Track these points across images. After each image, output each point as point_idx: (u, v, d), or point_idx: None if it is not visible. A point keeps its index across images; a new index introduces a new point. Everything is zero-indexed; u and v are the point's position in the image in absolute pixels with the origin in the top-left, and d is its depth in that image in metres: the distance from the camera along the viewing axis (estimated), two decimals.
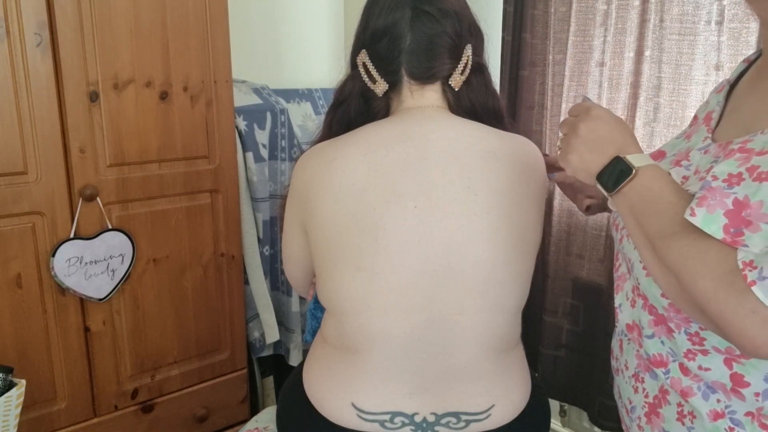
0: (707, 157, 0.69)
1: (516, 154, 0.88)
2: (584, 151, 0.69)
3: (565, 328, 1.68)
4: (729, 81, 0.77)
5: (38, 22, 1.24)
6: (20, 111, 1.25)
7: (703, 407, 0.68)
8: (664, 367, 0.72)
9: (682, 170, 0.71)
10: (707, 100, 0.81)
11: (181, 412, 1.63)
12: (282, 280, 1.86)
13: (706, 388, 0.68)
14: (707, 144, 0.71)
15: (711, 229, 0.56)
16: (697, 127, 0.77)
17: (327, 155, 0.87)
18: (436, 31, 0.87)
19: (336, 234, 0.85)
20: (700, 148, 0.71)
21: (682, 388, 0.70)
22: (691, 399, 0.69)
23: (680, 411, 0.71)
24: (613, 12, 1.45)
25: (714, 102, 0.77)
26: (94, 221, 1.39)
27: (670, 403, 0.73)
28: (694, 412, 0.70)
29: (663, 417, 0.74)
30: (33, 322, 1.35)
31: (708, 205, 0.57)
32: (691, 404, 0.70)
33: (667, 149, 0.80)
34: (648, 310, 0.73)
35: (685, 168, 0.71)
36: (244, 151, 1.70)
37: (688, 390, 0.69)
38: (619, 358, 0.83)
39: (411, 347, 0.84)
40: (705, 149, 0.71)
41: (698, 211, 0.58)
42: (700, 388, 0.68)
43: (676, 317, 0.69)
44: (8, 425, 1.18)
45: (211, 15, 1.48)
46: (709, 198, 0.58)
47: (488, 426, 0.87)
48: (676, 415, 0.72)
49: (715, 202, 0.57)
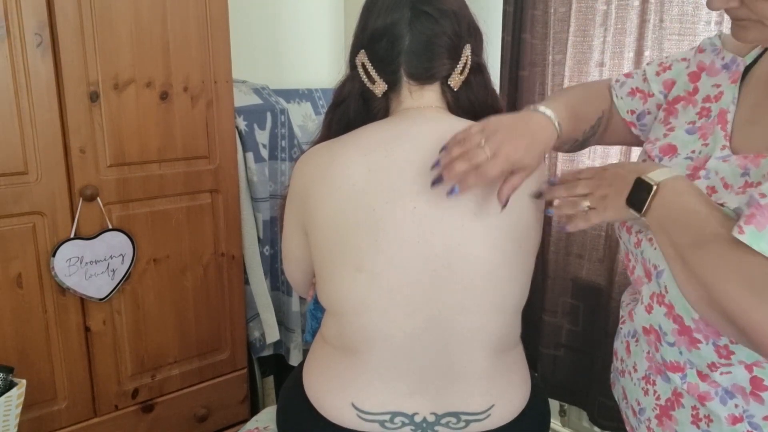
0: (733, 168, 0.68)
1: None
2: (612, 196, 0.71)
3: (564, 328, 1.68)
4: (744, 63, 0.75)
5: (38, 22, 1.24)
6: (20, 111, 1.25)
7: (721, 411, 0.68)
8: (681, 372, 0.72)
9: (704, 181, 0.70)
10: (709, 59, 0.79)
11: (181, 412, 1.64)
12: (282, 280, 1.86)
13: (724, 393, 0.68)
14: (726, 153, 0.70)
15: (760, 247, 0.56)
16: (712, 124, 0.75)
17: (327, 156, 0.87)
18: (435, 31, 0.87)
19: (336, 234, 0.85)
20: (719, 157, 0.70)
21: (699, 393, 0.70)
22: (708, 403, 0.69)
23: (695, 414, 0.71)
24: (613, 12, 1.45)
25: (729, 96, 0.75)
26: (94, 221, 1.39)
27: (684, 406, 0.72)
28: (711, 416, 0.69)
29: (676, 420, 0.73)
30: (33, 322, 1.35)
31: (757, 223, 0.57)
32: (708, 408, 0.69)
33: (678, 143, 0.78)
34: (673, 319, 0.71)
35: (705, 178, 0.70)
36: (245, 151, 1.70)
37: (706, 395, 0.69)
38: (626, 360, 0.82)
39: (411, 347, 0.84)
40: (725, 158, 0.69)
41: (746, 228, 0.57)
42: (718, 393, 0.68)
43: (705, 329, 0.68)
44: (8, 425, 1.18)
45: (211, 15, 1.48)
46: (758, 215, 0.57)
47: (488, 426, 0.87)
48: (691, 418, 0.71)
49: (764, 219, 0.57)
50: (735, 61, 0.77)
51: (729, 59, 0.78)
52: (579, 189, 0.75)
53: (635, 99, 0.90)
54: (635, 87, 0.90)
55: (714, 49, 0.81)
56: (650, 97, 0.88)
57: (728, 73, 0.77)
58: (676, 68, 0.85)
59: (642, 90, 0.89)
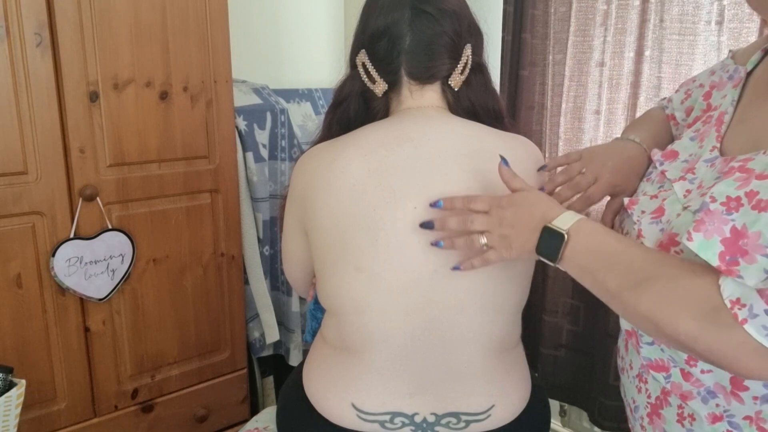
0: (713, 171, 0.68)
1: (516, 154, 0.88)
2: (514, 237, 0.71)
3: (565, 328, 1.67)
4: (746, 71, 0.76)
5: (38, 22, 1.24)
6: (20, 111, 1.25)
7: (702, 410, 0.68)
8: (665, 372, 0.72)
9: (686, 184, 0.70)
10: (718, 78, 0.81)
11: (181, 412, 1.63)
12: (282, 280, 1.86)
13: (705, 393, 0.68)
14: (714, 156, 0.70)
15: (707, 255, 0.56)
16: (710, 127, 0.75)
17: (327, 156, 0.87)
18: (436, 31, 0.87)
19: (336, 234, 0.85)
20: (707, 159, 0.70)
21: (682, 392, 0.70)
22: (690, 402, 0.69)
23: (680, 413, 0.72)
24: (613, 12, 1.45)
25: (729, 99, 0.75)
26: (94, 221, 1.39)
27: (671, 405, 0.73)
28: (694, 415, 0.70)
29: (664, 418, 0.74)
30: (33, 322, 1.35)
31: (705, 231, 0.57)
32: (690, 407, 0.70)
33: (680, 149, 0.78)
34: None
35: (690, 182, 0.70)
36: (244, 151, 1.70)
37: (688, 394, 0.70)
38: (625, 357, 0.83)
39: (411, 347, 0.84)
40: (711, 162, 0.70)
41: (695, 236, 0.57)
42: (700, 392, 0.68)
43: None
44: (8, 425, 1.18)
45: (211, 15, 1.48)
46: (707, 222, 0.57)
47: (488, 426, 0.87)
48: (677, 416, 0.72)
49: (713, 228, 0.56)
50: (738, 70, 0.78)
51: (733, 69, 0.80)
52: (476, 226, 0.75)
53: (671, 124, 0.95)
54: (670, 114, 0.95)
55: (723, 68, 0.84)
56: (676, 125, 0.93)
57: (732, 81, 0.79)
58: (695, 95, 0.89)
59: (674, 116, 0.94)
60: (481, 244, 0.75)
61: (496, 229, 0.73)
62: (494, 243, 0.74)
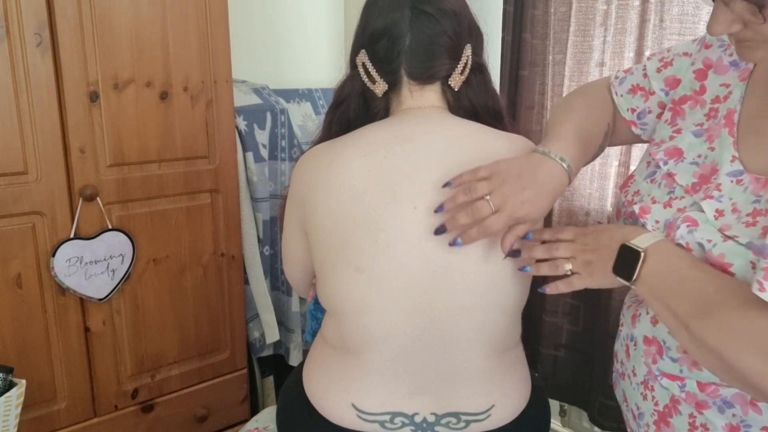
0: (745, 193, 0.64)
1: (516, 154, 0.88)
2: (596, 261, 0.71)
3: (565, 328, 1.68)
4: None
5: (38, 22, 1.24)
6: (20, 111, 1.25)
7: (718, 420, 0.67)
8: (680, 381, 0.71)
9: (715, 203, 0.66)
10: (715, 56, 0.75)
11: (181, 412, 1.63)
12: (282, 280, 1.86)
13: (722, 403, 0.67)
14: (737, 169, 0.66)
15: None
16: (718, 126, 0.71)
17: (327, 156, 0.87)
18: (436, 31, 0.87)
19: (336, 235, 0.85)
20: (731, 173, 0.67)
21: (697, 401, 0.69)
22: (706, 411, 0.68)
23: (692, 422, 0.70)
24: (613, 12, 1.45)
25: (737, 95, 0.71)
26: (94, 221, 1.39)
27: (681, 414, 0.71)
28: (708, 425, 0.68)
29: (673, 426, 0.73)
30: (33, 322, 1.35)
31: None
32: (705, 416, 0.68)
33: (684, 147, 0.75)
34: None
35: (717, 200, 0.66)
36: (244, 151, 1.70)
37: (704, 403, 0.68)
38: (626, 363, 0.82)
39: (411, 348, 0.84)
40: (737, 178, 0.66)
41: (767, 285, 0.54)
42: (716, 402, 0.67)
43: None
44: (8, 425, 1.18)
45: (211, 15, 1.48)
46: None
47: (488, 426, 0.87)
48: (688, 426, 0.71)
49: None
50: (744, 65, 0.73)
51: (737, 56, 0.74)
52: (560, 252, 0.75)
53: (636, 96, 0.86)
54: (636, 84, 0.86)
55: (721, 45, 0.76)
56: (651, 95, 0.84)
57: (737, 71, 0.74)
58: (678, 64, 0.81)
59: (643, 87, 0.85)
60: (566, 270, 0.75)
61: (580, 255, 0.73)
62: (578, 269, 0.74)
